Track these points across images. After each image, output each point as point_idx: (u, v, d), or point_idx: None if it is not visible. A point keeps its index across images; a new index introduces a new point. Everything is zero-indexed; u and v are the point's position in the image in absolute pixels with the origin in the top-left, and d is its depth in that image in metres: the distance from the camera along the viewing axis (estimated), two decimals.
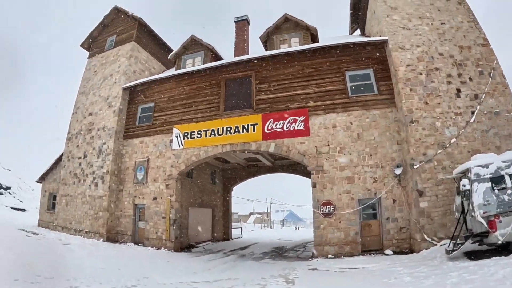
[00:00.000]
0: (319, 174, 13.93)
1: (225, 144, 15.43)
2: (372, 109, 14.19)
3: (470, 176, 9.10)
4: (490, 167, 9.06)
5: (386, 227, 13.03)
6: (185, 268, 11.53)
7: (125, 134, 18.32)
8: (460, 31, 14.32)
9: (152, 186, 16.95)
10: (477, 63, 13.46)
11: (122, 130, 18.31)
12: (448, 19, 14.60)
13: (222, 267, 11.96)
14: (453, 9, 14.91)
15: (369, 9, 17.75)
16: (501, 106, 12.59)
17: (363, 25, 19.98)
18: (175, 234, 15.93)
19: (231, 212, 26.26)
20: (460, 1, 15.03)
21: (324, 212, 13.53)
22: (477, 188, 8.89)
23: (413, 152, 12.59)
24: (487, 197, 8.72)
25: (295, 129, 14.50)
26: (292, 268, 11.55)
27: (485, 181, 8.92)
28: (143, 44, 21.08)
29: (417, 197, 12.14)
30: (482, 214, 8.62)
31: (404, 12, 15.01)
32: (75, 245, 13.72)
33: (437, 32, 14.33)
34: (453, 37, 14.20)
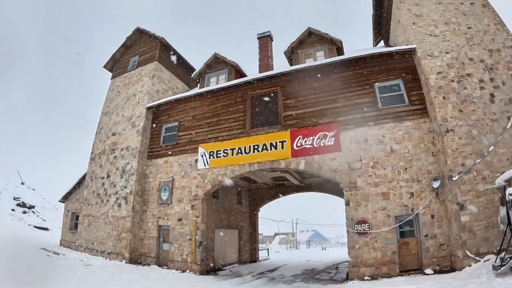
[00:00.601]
0: (352, 191, 13.30)
1: (253, 163, 14.95)
2: (404, 120, 13.57)
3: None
4: None
5: (425, 244, 12.24)
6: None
7: (149, 154, 18.04)
8: (488, 34, 13.86)
9: (177, 207, 16.53)
10: (508, 65, 12.93)
11: (146, 150, 18.04)
12: (475, 23, 14.20)
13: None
14: (478, 12, 14.51)
15: (393, 19, 17.27)
16: None
17: (387, 36, 19.46)
18: (201, 256, 15.39)
19: (258, 233, 25.70)
20: (484, 4, 14.66)
21: (359, 231, 12.85)
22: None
23: (451, 163, 11.95)
24: None
25: (326, 145, 13.96)
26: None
27: None
28: (166, 63, 21.01)
29: (457, 211, 11.42)
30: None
31: (429, 19, 14.63)
32: (96, 266, 13.36)
33: (465, 37, 13.89)
34: (481, 41, 13.73)
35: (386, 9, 18.12)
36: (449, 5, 15.09)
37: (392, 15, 17.34)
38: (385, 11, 18.41)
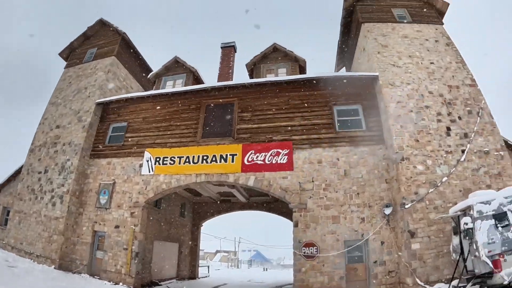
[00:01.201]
0: (302, 212, 12.50)
1: (200, 174, 13.83)
2: (360, 145, 13.20)
3: (473, 214, 8.54)
4: (492, 204, 8.53)
5: (373, 271, 11.78)
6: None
7: (92, 153, 16.44)
8: (449, 71, 14.25)
9: (116, 212, 15.00)
10: (465, 102, 13.31)
11: (90, 148, 16.45)
12: (437, 59, 14.59)
13: None
14: (442, 50, 14.98)
15: (358, 46, 17.26)
16: (490, 145, 12.40)
17: (350, 64, 19.45)
18: (136, 268, 13.91)
19: (199, 249, 24.08)
20: (448, 43, 15.19)
21: (306, 254, 12.04)
22: (480, 226, 8.28)
23: (404, 191, 11.75)
24: (491, 235, 8.14)
25: (278, 163, 13.14)
26: None
27: (488, 218, 8.37)
28: (124, 60, 19.60)
29: (408, 239, 11.13)
30: (487, 253, 7.97)
31: (394, 50, 14.85)
32: (21, 269, 11.66)
33: (427, 71, 14.17)
34: (442, 77, 14.04)
35: (353, 37, 18.11)
36: (414, 39, 15.49)
37: (358, 43, 17.27)
38: (352, 38, 18.39)
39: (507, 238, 8.06)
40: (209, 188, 18.13)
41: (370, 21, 16.23)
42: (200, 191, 19.09)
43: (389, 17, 16.41)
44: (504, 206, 8.46)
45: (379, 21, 16.22)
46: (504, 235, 8.10)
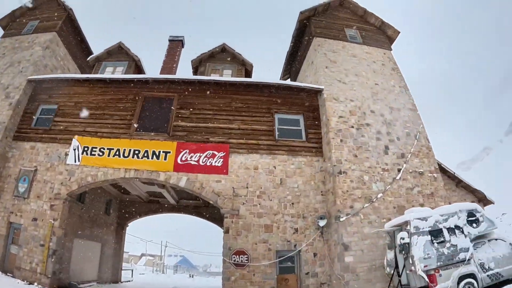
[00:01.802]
0: (233, 218, 11.75)
1: (130, 169, 12.62)
2: (298, 155, 12.86)
3: (409, 229, 8.68)
4: (429, 220, 8.83)
5: (305, 282, 11.38)
6: None
7: (16, 134, 14.45)
8: (392, 94, 14.66)
9: (34, 203, 13.25)
10: (405, 124, 13.74)
11: (14, 129, 14.47)
12: (382, 81, 14.96)
13: None
14: (387, 73, 15.45)
15: (307, 59, 17.12)
16: (425, 167, 12.81)
17: (295, 76, 19.20)
18: (53, 268, 12.31)
19: (123, 251, 22.24)
20: (394, 68, 15.78)
21: (236, 262, 11.28)
22: (417, 241, 8.48)
23: (340, 203, 11.58)
24: (427, 250, 8.36)
25: (212, 165, 12.32)
26: None
27: (425, 234, 8.62)
28: (65, 39, 17.75)
29: (342, 251, 10.92)
30: (423, 267, 8.18)
31: (342, 67, 14.98)
32: None
33: (371, 91, 14.42)
34: (385, 98, 14.37)
35: (302, 49, 17.97)
36: (363, 60, 15.78)
37: (307, 55, 17.12)
38: (301, 50, 18.25)
39: (443, 254, 8.33)
40: (137, 186, 16.84)
41: (322, 36, 16.21)
42: (128, 189, 17.65)
43: (341, 36, 16.54)
44: (440, 223, 8.77)
45: (331, 37, 16.29)
46: (439, 251, 8.35)
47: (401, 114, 13.98)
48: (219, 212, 18.12)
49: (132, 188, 17.35)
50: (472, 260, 8.56)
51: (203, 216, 20.17)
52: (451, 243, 8.59)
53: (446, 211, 9.18)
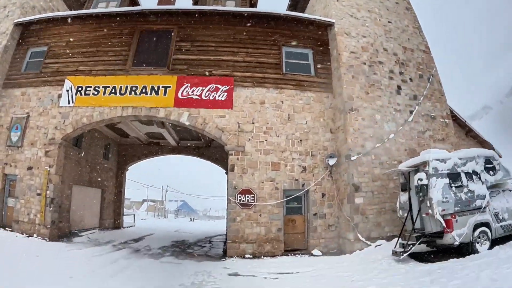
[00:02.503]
0: (239, 155, 10.93)
1: (127, 107, 11.63)
2: (307, 90, 11.90)
3: (428, 170, 8.06)
4: (448, 163, 8.20)
5: (312, 224, 10.84)
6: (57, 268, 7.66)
7: (6, 81, 13.43)
8: (405, 33, 13.71)
9: (29, 151, 12.50)
10: (418, 66, 13.01)
11: (3, 76, 13.42)
12: (395, 20, 13.93)
13: (111, 269, 8.20)
14: (401, 12, 14.36)
15: None
16: (437, 111, 12.26)
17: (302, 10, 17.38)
18: (52, 217, 11.68)
19: (124, 196, 21.39)
20: (408, 7, 14.67)
21: (242, 202, 10.58)
22: (435, 183, 7.89)
23: (351, 142, 10.85)
24: (445, 193, 7.81)
25: (216, 99, 11.31)
26: (206, 272, 8.28)
27: (443, 176, 8.01)
28: None
29: (352, 192, 10.34)
30: (441, 211, 7.63)
31: (354, 2, 13.76)
32: None
33: (384, 29, 13.41)
34: (398, 37, 13.42)
35: None
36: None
37: None
38: None
39: (460, 199, 7.85)
40: (136, 127, 15.90)
41: None
42: (126, 131, 16.73)
43: None
44: (458, 167, 8.24)
45: None
46: (457, 196, 7.87)
47: (414, 55, 13.11)
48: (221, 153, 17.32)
49: (130, 130, 16.40)
50: (487, 208, 8.09)
51: (205, 157, 19.42)
52: (468, 189, 8.06)
53: (464, 155, 8.57)
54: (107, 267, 8.29)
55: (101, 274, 7.50)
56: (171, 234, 18.53)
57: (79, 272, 7.38)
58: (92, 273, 7.54)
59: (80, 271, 7.55)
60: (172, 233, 19.68)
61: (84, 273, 7.39)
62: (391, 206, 10.53)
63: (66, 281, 6.63)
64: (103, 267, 8.27)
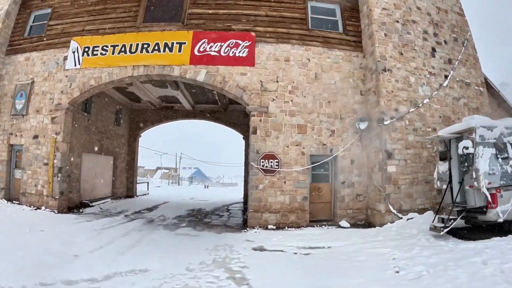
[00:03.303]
0: (262, 116, 9.74)
1: (138, 66, 10.47)
2: (335, 48, 10.61)
3: (474, 138, 7.04)
4: (494, 131, 7.23)
5: (340, 193, 9.78)
6: (63, 243, 6.64)
7: (9, 48, 12.51)
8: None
9: (34, 119, 11.54)
10: (452, 29, 11.74)
11: (6, 42, 12.49)
12: None
13: (121, 244, 7.14)
14: None
15: None
16: (472, 78, 11.24)
17: None
18: (60, 188, 10.78)
19: (137, 163, 20.17)
20: None
21: (265, 168, 9.44)
22: (482, 152, 6.97)
23: (384, 105, 9.65)
24: (492, 165, 6.91)
25: (236, 56, 10.06)
26: (228, 245, 7.28)
27: (490, 146, 7.09)
28: None
29: (384, 160, 9.25)
30: (487, 184, 6.70)
31: None
32: None
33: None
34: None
35: None
36: None
37: None
38: None
39: (506, 172, 6.97)
40: (148, 90, 14.78)
41: None
42: (138, 94, 15.56)
43: None
44: (505, 136, 7.32)
45: None
46: (503, 168, 6.99)
47: (449, 17, 11.79)
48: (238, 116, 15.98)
49: (143, 93, 15.24)
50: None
51: (220, 121, 18.10)
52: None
53: (510, 124, 7.54)
54: (117, 241, 7.25)
55: (110, 250, 6.46)
56: (187, 202, 17.42)
57: (85, 249, 6.37)
58: (100, 249, 6.51)
59: (87, 247, 6.53)
60: (187, 201, 18.58)
61: (91, 249, 6.38)
62: (424, 177, 9.60)
63: (71, 260, 5.61)
64: (112, 241, 7.23)
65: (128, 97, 16.65)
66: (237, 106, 16.65)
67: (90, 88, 10.92)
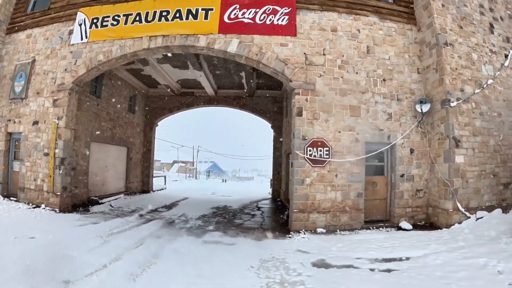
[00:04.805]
0: (308, 95, 7.73)
1: (156, 36, 8.47)
2: (386, 19, 8.59)
3: None
4: None
5: (399, 188, 7.83)
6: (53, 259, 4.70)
7: (10, 26, 10.64)
8: None
9: (34, 102, 9.60)
10: (506, 5, 9.75)
11: (7, 20, 10.66)
12: None
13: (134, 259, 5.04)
14: None
15: None
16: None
17: None
18: (62, 182, 8.80)
19: (154, 155, 17.62)
20: None
21: (313, 158, 7.44)
22: None
23: (449, 83, 7.72)
24: None
25: (274, 24, 8.06)
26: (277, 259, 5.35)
27: None
28: None
29: (452, 148, 7.44)
30: None
31: None
32: None
33: None
34: None
35: None
36: None
37: None
38: None
39: None
40: (167, 72, 12.72)
41: None
42: (155, 77, 13.40)
43: None
44: None
45: None
46: None
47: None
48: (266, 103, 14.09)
49: (160, 76, 13.09)
50: None
51: (246, 107, 15.88)
52: None
53: None
54: (128, 256, 5.20)
55: (117, 272, 4.42)
56: (208, 198, 15.15)
57: (82, 269, 4.37)
58: (103, 269, 4.47)
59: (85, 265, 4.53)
60: (208, 196, 16.29)
61: (90, 270, 4.37)
62: (491, 169, 7.83)
63: None
64: (121, 255, 5.18)
65: (144, 81, 14.58)
66: (265, 92, 14.84)
67: (99, 64, 8.93)
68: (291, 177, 7.58)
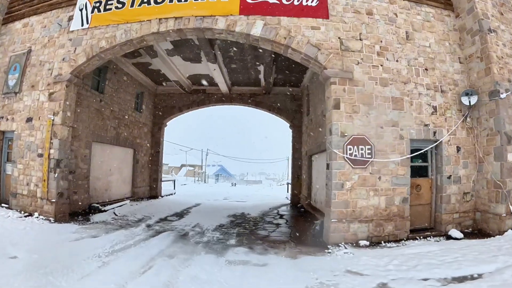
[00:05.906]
0: (345, 85, 6.51)
1: (167, 18, 7.20)
2: (423, 4, 7.44)
3: None
4: None
5: (446, 191, 6.66)
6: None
7: (7, 16, 9.36)
8: None
9: (28, 97, 8.30)
10: None
11: (4, 10, 9.33)
12: None
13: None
14: None
15: None
16: None
17: None
18: (58, 187, 7.51)
19: (162, 157, 15.96)
20: None
21: (354, 158, 6.22)
22: None
23: (497, 73, 6.62)
24: None
25: (303, 5, 6.87)
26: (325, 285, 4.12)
27: None
28: None
29: (504, 145, 6.33)
30: None
31: None
32: None
33: None
34: None
35: None
36: None
37: None
38: None
39: None
40: (177, 66, 11.37)
41: None
42: (164, 71, 11.93)
43: None
44: None
45: None
46: None
47: None
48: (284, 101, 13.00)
49: (169, 70, 11.66)
50: None
51: (262, 105, 14.44)
52: None
53: None
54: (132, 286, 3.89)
55: None
56: (222, 204, 13.70)
57: None
58: None
59: None
60: (221, 202, 14.87)
61: None
62: None
63: None
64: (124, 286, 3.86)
65: (152, 78, 13.24)
66: (283, 89, 13.65)
67: (100, 51, 7.63)
68: (328, 181, 6.31)
